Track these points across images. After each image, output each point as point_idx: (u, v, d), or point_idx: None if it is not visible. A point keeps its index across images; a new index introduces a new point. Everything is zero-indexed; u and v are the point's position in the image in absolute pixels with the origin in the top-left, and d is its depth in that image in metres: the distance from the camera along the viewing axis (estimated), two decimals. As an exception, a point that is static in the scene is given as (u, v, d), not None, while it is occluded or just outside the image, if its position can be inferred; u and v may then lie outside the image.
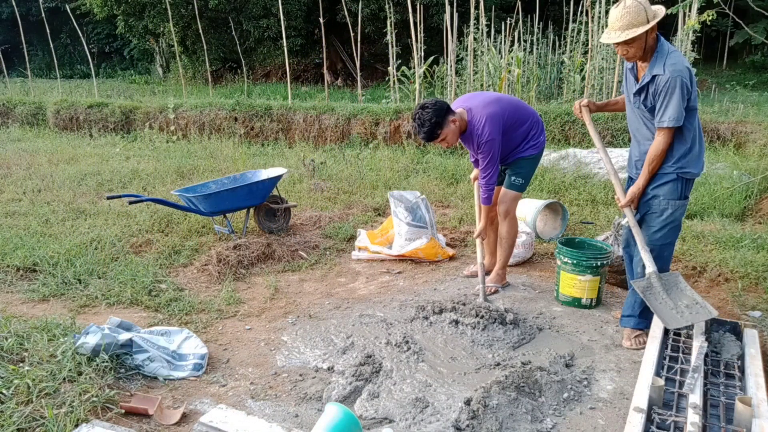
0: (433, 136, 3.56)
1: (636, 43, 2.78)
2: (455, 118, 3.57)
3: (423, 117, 3.51)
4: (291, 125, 9.83)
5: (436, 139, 3.57)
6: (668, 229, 3.05)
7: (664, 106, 2.76)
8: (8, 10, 21.44)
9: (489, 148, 3.59)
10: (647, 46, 2.81)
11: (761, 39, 8.86)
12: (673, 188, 2.95)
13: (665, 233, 3.06)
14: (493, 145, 3.59)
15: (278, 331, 3.52)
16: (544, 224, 5.30)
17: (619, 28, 2.77)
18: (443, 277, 4.39)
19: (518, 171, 3.83)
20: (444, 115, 3.52)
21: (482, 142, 3.58)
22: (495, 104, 3.65)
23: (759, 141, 7.27)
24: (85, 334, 2.88)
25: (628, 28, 2.74)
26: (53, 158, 8.30)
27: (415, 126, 3.60)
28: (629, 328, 3.28)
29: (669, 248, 3.14)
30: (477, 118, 3.60)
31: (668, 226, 3.05)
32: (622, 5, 2.75)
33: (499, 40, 10.76)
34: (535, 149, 3.81)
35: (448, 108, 3.57)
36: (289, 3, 15.76)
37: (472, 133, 3.63)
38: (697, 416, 2.17)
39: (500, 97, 3.77)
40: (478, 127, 3.58)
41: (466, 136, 3.69)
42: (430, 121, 3.50)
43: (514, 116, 3.69)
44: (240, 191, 4.89)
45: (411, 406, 2.64)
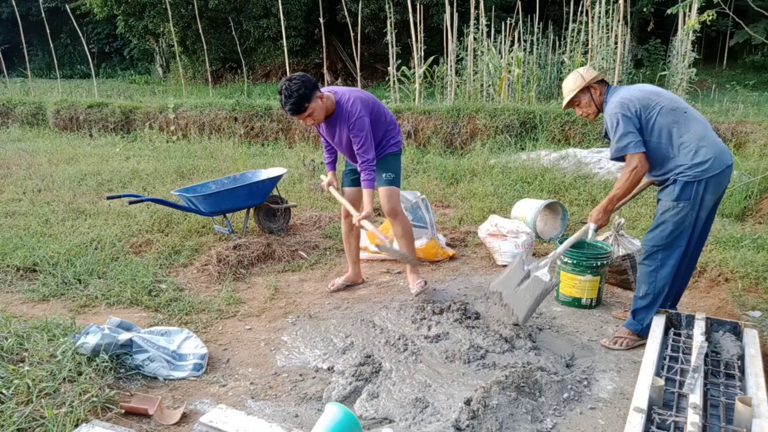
0: (300, 109, 3.41)
1: (583, 104, 3.26)
2: (322, 95, 3.48)
3: (291, 88, 3.36)
4: (291, 125, 9.83)
5: (303, 112, 3.44)
6: (659, 230, 3.06)
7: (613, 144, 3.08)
8: (8, 10, 21.46)
9: (361, 125, 3.53)
10: (597, 104, 3.23)
11: (761, 39, 8.86)
12: (670, 190, 3.02)
13: (655, 234, 3.08)
14: (364, 122, 3.54)
15: (278, 331, 3.52)
16: (544, 224, 5.30)
17: (564, 96, 3.33)
18: (443, 277, 4.39)
19: (387, 167, 3.81)
20: (312, 89, 3.41)
21: (353, 120, 3.52)
22: (359, 93, 3.65)
23: (759, 141, 7.27)
24: (85, 334, 2.88)
25: (568, 94, 3.28)
26: (53, 158, 8.30)
27: (282, 98, 3.42)
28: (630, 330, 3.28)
29: (656, 254, 3.08)
30: (345, 99, 3.56)
31: (659, 227, 3.06)
32: (566, 79, 3.31)
33: (499, 40, 10.76)
34: (396, 146, 3.85)
35: (316, 83, 3.46)
36: (289, 3, 15.76)
37: (340, 115, 3.57)
38: (697, 416, 2.17)
39: (361, 91, 3.73)
40: (347, 106, 3.53)
41: (332, 119, 3.61)
42: (297, 92, 3.36)
43: (376, 107, 3.69)
44: (240, 191, 4.89)
45: (411, 406, 2.64)
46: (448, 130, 8.75)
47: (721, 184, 3.01)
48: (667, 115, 2.99)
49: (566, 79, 3.30)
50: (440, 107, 9.14)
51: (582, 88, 3.20)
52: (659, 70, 13.89)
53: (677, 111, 3.01)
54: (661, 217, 3.06)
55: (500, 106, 8.77)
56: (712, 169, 2.92)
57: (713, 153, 2.93)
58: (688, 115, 3.02)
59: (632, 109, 3.00)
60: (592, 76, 3.20)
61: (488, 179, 6.68)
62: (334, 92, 3.61)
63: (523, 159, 7.26)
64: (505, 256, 4.55)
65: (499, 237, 4.59)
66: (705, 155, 2.93)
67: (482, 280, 4.31)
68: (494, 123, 8.46)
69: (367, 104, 3.62)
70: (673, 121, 2.99)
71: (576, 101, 3.27)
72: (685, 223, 3.01)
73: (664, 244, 3.07)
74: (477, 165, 7.24)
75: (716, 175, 2.94)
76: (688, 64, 9.12)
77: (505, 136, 8.31)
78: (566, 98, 3.29)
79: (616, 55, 9.34)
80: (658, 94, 3.07)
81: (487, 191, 6.25)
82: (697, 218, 3.01)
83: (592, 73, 3.21)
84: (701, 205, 2.98)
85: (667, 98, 3.05)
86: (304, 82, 3.40)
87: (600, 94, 3.21)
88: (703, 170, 2.92)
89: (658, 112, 2.99)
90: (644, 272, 3.19)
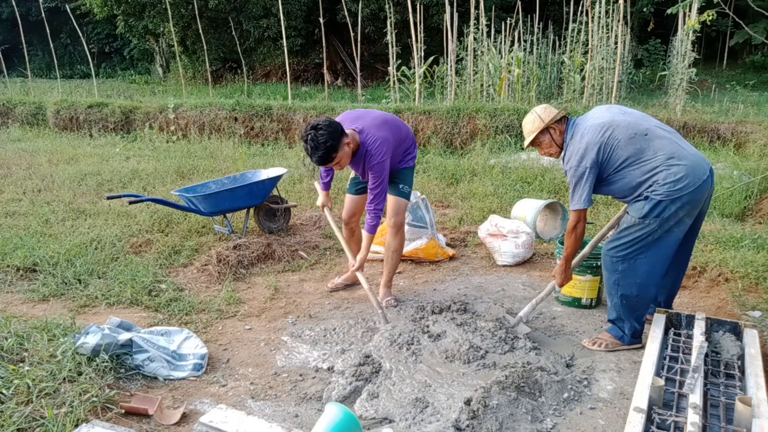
0: (327, 160, 3.32)
1: (545, 144, 3.22)
2: (349, 140, 3.37)
3: (317, 139, 3.24)
4: (291, 125, 9.83)
5: (330, 163, 3.35)
6: (619, 241, 3.00)
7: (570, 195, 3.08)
8: (8, 10, 21.46)
9: (381, 169, 3.45)
10: (558, 143, 3.19)
11: (761, 39, 8.86)
12: (639, 206, 2.93)
13: (615, 245, 3.03)
14: (384, 167, 3.46)
15: (278, 331, 3.52)
16: (544, 224, 5.31)
17: (525, 136, 3.30)
18: (443, 277, 4.40)
19: (404, 179, 3.76)
20: (339, 138, 3.30)
21: (374, 164, 3.43)
22: (385, 127, 3.53)
23: (759, 141, 7.27)
24: (85, 334, 2.88)
25: (527, 135, 3.25)
26: (53, 158, 8.30)
27: (308, 148, 3.30)
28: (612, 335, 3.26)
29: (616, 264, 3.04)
30: (370, 140, 3.44)
31: (620, 239, 3.00)
32: (525, 119, 3.28)
33: (499, 40, 10.76)
34: (413, 160, 3.81)
35: (342, 130, 3.35)
36: (289, 3, 15.76)
37: (364, 155, 3.47)
38: (697, 416, 2.17)
39: (386, 118, 3.64)
40: (371, 149, 3.43)
41: (356, 157, 3.51)
42: (325, 144, 3.25)
43: (398, 138, 3.61)
44: (240, 191, 4.89)
45: (411, 406, 2.64)
46: (448, 130, 8.76)
47: (698, 200, 2.90)
48: (626, 146, 2.89)
49: (525, 119, 3.25)
50: (440, 107, 9.14)
51: (542, 129, 3.15)
52: (659, 70, 13.90)
53: (636, 137, 2.90)
54: (624, 231, 2.99)
55: (500, 106, 8.78)
56: (687, 187, 2.81)
57: (686, 170, 2.81)
58: (649, 137, 2.90)
59: (593, 159, 2.92)
60: (550, 116, 3.13)
61: (488, 179, 6.68)
62: (360, 130, 3.48)
63: (523, 159, 7.26)
64: (505, 256, 4.55)
65: (499, 237, 4.59)
66: (677, 173, 2.80)
67: (482, 280, 4.32)
68: (494, 123, 8.47)
69: (391, 146, 3.50)
70: (636, 150, 2.89)
71: (537, 142, 3.22)
72: (648, 239, 2.93)
73: (622, 256, 3.01)
74: (477, 165, 7.24)
75: (691, 192, 2.82)
76: (688, 64, 9.12)
77: (505, 136, 8.32)
78: (527, 140, 3.25)
79: (616, 55, 9.34)
80: (612, 125, 2.94)
81: (487, 191, 6.25)
82: (668, 233, 2.92)
83: (551, 112, 3.15)
84: (674, 222, 2.89)
85: (622, 126, 2.93)
86: (331, 133, 3.27)
87: (560, 133, 3.15)
88: (677, 189, 2.81)
89: (616, 146, 2.91)
90: (607, 282, 3.17)
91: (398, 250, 3.86)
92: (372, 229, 3.61)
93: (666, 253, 3.00)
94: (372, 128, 3.49)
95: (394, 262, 3.89)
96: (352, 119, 3.58)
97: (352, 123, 3.53)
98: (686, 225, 2.97)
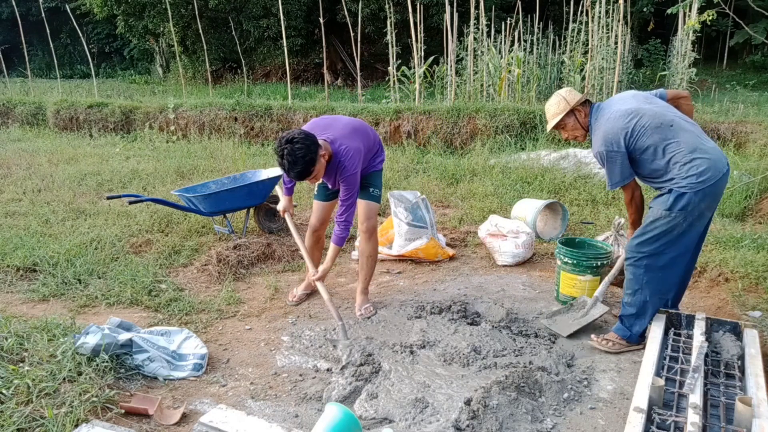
0: (306, 174, 3.22)
1: (569, 127, 3.23)
2: (324, 152, 3.28)
3: (296, 154, 3.12)
4: (291, 125, 9.82)
5: (308, 177, 3.25)
6: (645, 237, 3.01)
7: (606, 176, 3.14)
8: (8, 10, 21.45)
9: (353, 181, 3.40)
10: (583, 126, 3.21)
11: (761, 39, 8.86)
12: (664, 199, 2.96)
13: (641, 241, 3.02)
14: (356, 178, 3.41)
15: (278, 331, 3.52)
16: (544, 224, 5.31)
17: (548, 119, 3.30)
18: (443, 277, 4.39)
19: (374, 183, 3.71)
20: (316, 151, 3.19)
21: (347, 176, 3.37)
22: (355, 136, 3.46)
23: (759, 141, 7.27)
24: (85, 334, 2.88)
25: (552, 118, 3.25)
26: (53, 158, 8.30)
27: (285, 163, 3.16)
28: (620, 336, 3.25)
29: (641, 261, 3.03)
30: (343, 151, 3.36)
31: (646, 235, 3.00)
32: (548, 101, 3.27)
33: (499, 40, 10.76)
34: (381, 164, 3.78)
35: (317, 141, 3.23)
36: (289, 3, 15.76)
37: (336, 165, 3.39)
38: (698, 416, 2.17)
39: (354, 125, 3.57)
40: (344, 160, 3.36)
41: (329, 167, 3.42)
42: (303, 159, 3.13)
43: (367, 145, 3.55)
44: (240, 191, 4.89)
45: (411, 406, 2.64)
46: (448, 130, 8.75)
47: (718, 193, 2.94)
48: (652, 134, 2.92)
49: (549, 103, 3.25)
50: (440, 107, 9.14)
51: (567, 112, 3.17)
52: (659, 70, 13.90)
53: (662, 127, 2.92)
54: (650, 225, 2.99)
55: (500, 106, 8.77)
56: (709, 180, 2.85)
57: (708, 163, 2.85)
58: (675, 128, 2.92)
59: (619, 143, 2.96)
60: (576, 99, 3.16)
61: (488, 179, 6.68)
62: (331, 141, 3.38)
63: (523, 159, 7.26)
64: (505, 256, 4.55)
65: (499, 237, 4.59)
66: (700, 166, 2.84)
67: (482, 280, 4.32)
68: (494, 123, 8.46)
69: (361, 152, 3.45)
70: (661, 139, 2.91)
71: (561, 125, 3.24)
72: (674, 233, 2.94)
73: (649, 252, 3.01)
74: (477, 165, 7.24)
75: (713, 184, 2.86)
76: (688, 64, 9.12)
77: (505, 136, 8.31)
78: (551, 123, 3.25)
79: (616, 55, 9.34)
80: (639, 112, 2.96)
81: (487, 191, 6.25)
82: (690, 227, 2.94)
83: (576, 95, 3.17)
84: (697, 215, 2.92)
85: (649, 115, 2.94)
86: (309, 146, 3.15)
87: (585, 115, 3.18)
88: (700, 182, 2.84)
89: (642, 134, 2.93)
90: (629, 279, 3.15)
91: (373, 255, 3.78)
92: (340, 241, 3.52)
93: (688, 248, 3.05)
94: (344, 138, 3.41)
95: (369, 267, 3.80)
96: (322, 128, 3.47)
97: (322, 132, 3.41)
98: (706, 219, 3.02)
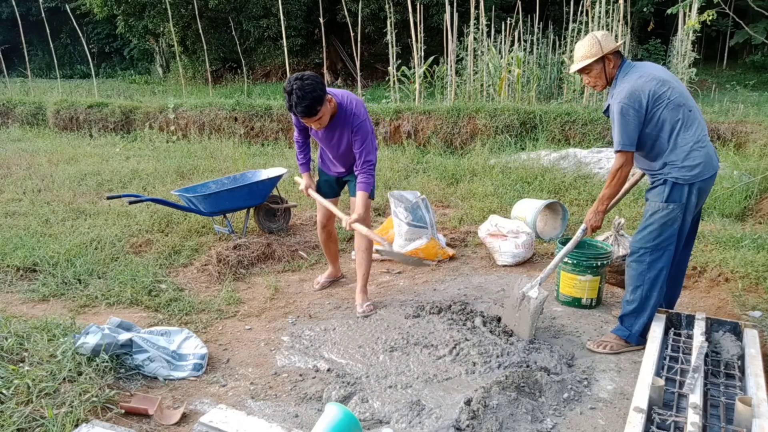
0: (312, 112, 3.18)
1: (594, 73, 3.08)
2: (330, 98, 3.27)
3: (304, 89, 3.09)
4: (291, 125, 9.81)
5: (314, 115, 3.21)
6: (647, 231, 3.02)
7: (612, 133, 3.01)
8: (8, 10, 21.45)
9: (366, 127, 3.39)
10: (608, 77, 3.07)
11: (761, 39, 8.86)
12: (659, 191, 2.97)
13: (643, 235, 3.04)
14: (368, 125, 3.40)
15: (278, 331, 3.52)
16: (544, 224, 5.30)
17: (576, 60, 3.11)
18: (443, 277, 4.39)
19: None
20: (324, 90, 3.18)
21: (359, 122, 3.35)
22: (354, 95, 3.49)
23: (759, 141, 7.27)
24: (85, 334, 2.88)
25: (581, 59, 3.07)
26: (53, 158, 8.30)
27: (293, 98, 3.13)
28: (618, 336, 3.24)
29: (644, 256, 3.04)
30: (347, 101, 3.39)
31: (647, 228, 3.02)
32: (581, 40, 3.09)
33: (499, 40, 10.75)
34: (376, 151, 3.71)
35: (325, 85, 3.24)
36: (289, 3, 15.76)
37: (343, 118, 3.38)
38: (698, 416, 2.17)
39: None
40: (350, 108, 3.36)
41: (333, 122, 3.40)
42: (312, 93, 3.11)
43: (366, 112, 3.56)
44: (240, 191, 4.89)
45: (411, 406, 2.63)
46: (448, 130, 8.75)
47: (707, 190, 3.00)
48: (673, 110, 2.90)
49: (581, 42, 3.06)
50: (440, 107, 9.14)
51: (598, 58, 3.00)
52: (659, 70, 13.88)
53: (683, 108, 2.92)
54: (650, 218, 3.01)
55: (500, 106, 8.77)
56: (702, 174, 2.89)
57: (703, 158, 2.89)
58: (692, 115, 2.95)
59: (641, 102, 2.88)
60: (611, 46, 2.99)
61: (488, 179, 6.67)
62: (334, 95, 3.41)
63: (523, 159, 7.26)
64: (505, 256, 4.55)
65: (499, 237, 4.59)
66: (695, 159, 2.88)
67: (482, 280, 4.31)
68: (494, 123, 8.46)
69: (365, 107, 3.52)
70: (677, 119, 2.91)
71: (587, 69, 3.07)
72: (674, 226, 2.96)
73: (652, 246, 3.02)
74: (477, 165, 7.24)
75: (705, 180, 2.91)
76: (688, 64, 9.11)
77: (505, 136, 8.31)
78: (578, 64, 3.07)
79: (616, 55, 9.32)
80: (669, 84, 2.93)
81: (487, 191, 6.25)
82: (683, 221, 2.98)
83: (611, 42, 3.00)
84: (688, 208, 2.95)
85: (677, 91, 2.93)
86: (318, 83, 3.16)
87: (614, 66, 3.03)
88: (693, 174, 2.88)
89: (665, 106, 2.89)
90: (631, 275, 3.14)
91: (369, 248, 3.75)
92: (367, 187, 3.45)
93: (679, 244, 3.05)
94: (345, 95, 3.46)
95: (367, 261, 3.77)
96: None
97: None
98: (693, 214, 3.03)
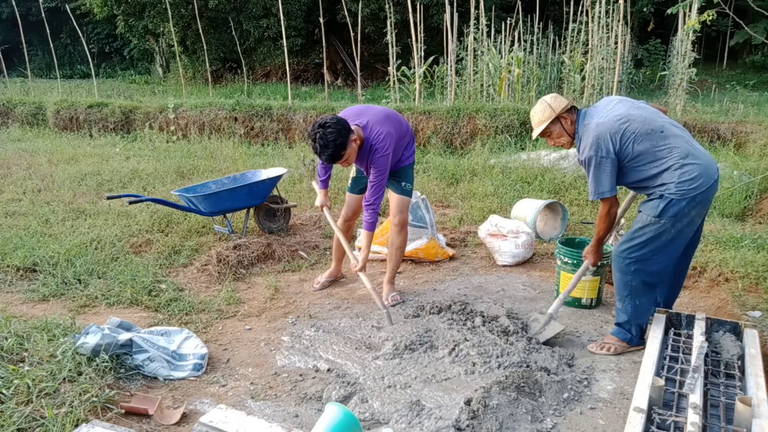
0: (336, 158, 3.37)
1: (555, 134, 3.15)
2: (355, 137, 3.41)
3: (327, 138, 3.28)
4: (291, 125, 9.83)
5: (339, 160, 3.40)
6: (633, 242, 2.97)
7: (589, 183, 3.03)
8: (8, 10, 21.44)
9: (384, 163, 3.48)
10: (569, 133, 3.12)
11: (761, 39, 8.86)
12: (654, 205, 2.92)
13: (628, 246, 2.99)
14: (387, 160, 3.49)
15: (278, 331, 3.52)
16: (544, 224, 5.31)
17: (534, 126, 3.21)
18: (443, 277, 4.39)
19: (406, 177, 3.80)
20: (347, 135, 3.34)
21: (378, 157, 3.46)
22: (387, 122, 3.56)
23: (759, 141, 7.27)
24: (85, 334, 2.88)
25: (537, 125, 3.17)
26: (53, 158, 8.30)
27: (317, 147, 3.33)
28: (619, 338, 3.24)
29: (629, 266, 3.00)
30: (374, 134, 3.48)
31: (634, 240, 2.97)
32: (533, 108, 3.20)
33: (499, 40, 10.76)
34: (412, 157, 3.84)
35: (349, 127, 3.38)
36: (289, 3, 15.75)
37: (368, 149, 3.50)
38: (697, 416, 2.17)
39: (388, 113, 3.66)
40: (375, 143, 3.46)
41: (361, 152, 3.53)
42: (335, 142, 3.29)
43: (399, 132, 3.62)
44: (240, 191, 4.89)
45: (410, 406, 2.63)
46: (448, 130, 8.75)
47: (709, 199, 2.93)
48: (643, 141, 2.87)
49: (534, 109, 3.18)
50: (440, 107, 9.14)
51: (553, 119, 3.09)
52: (659, 70, 13.91)
53: (653, 134, 2.88)
54: (639, 231, 2.96)
55: (500, 106, 8.78)
56: (701, 186, 2.82)
57: (700, 169, 2.82)
58: (665, 134, 2.89)
59: (608, 147, 2.89)
60: (561, 105, 3.08)
61: (488, 179, 6.68)
62: (363, 125, 3.50)
63: (523, 159, 7.26)
64: (505, 256, 4.55)
65: (499, 237, 4.59)
66: (692, 173, 2.81)
67: (482, 280, 4.32)
68: (494, 123, 8.46)
69: (393, 137, 3.52)
70: (652, 146, 2.87)
71: (547, 132, 3.16)
72: (663, 239, 2.92)
73: (636, 256, 2.98)
74: (477, 165, 7.24)
75: (704, 191, 2.84)
76: (688, 64, 9.11)
77: (505, 136, 8.31)
78: (536, 130, 3.17)
79: (616, 55, 9.33)
80: (629, 118, 2.91)
81: (487, 191, 6.25)
82: (679, 234, 2.92)
83: (561, 102, 3.09)
84: (686, 222, 2.90)
85: (639, 121, 2.90)
86: (340, 131, 3.29)
87: (571, 123, 3.09)
88: (692, 188, 2.82)
89: (633, 140, 2.88)
90: (617, 285, 3.14)
91: (402, 247, 3.94)
92: (371, 226, 3.64)
93: (675, 253, 3.02)
94: (376, 123, 3.52)
95: (397, 258, 3.98)
96: (356, 114, 3.60)
97: (355, 118, 3.55)
98: (695, 225, 2.99)
